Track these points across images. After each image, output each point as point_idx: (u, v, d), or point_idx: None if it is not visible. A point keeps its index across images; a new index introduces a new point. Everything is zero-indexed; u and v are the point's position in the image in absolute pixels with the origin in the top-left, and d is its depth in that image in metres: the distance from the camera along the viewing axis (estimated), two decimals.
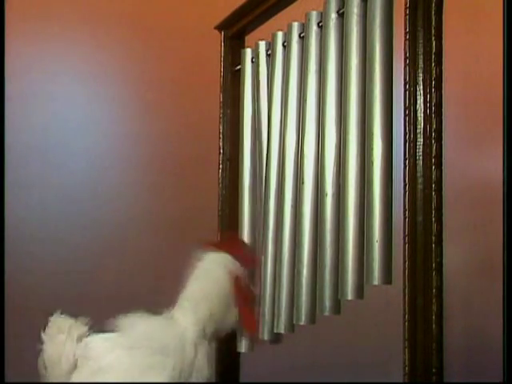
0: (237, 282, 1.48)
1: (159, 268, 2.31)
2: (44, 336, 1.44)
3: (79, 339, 1.43)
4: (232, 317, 1.49)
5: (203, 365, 1.45)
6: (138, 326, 1.46)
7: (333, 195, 1.36)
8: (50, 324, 1.47)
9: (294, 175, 1.48)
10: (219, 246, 1.53)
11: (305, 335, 1.47)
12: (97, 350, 1.43)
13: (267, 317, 1.52)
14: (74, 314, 1.52)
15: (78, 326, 1.45)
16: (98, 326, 1.47)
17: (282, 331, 1.48)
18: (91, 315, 2.24)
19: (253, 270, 1.55)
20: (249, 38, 1.76)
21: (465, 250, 2.25)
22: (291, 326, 1.46)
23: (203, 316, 1.46)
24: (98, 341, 1.45)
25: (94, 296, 2.29)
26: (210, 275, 1.50)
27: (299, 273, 1.42)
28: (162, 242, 2.35)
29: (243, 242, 1.62)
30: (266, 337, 1.52)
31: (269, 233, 1.54)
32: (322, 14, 1.42)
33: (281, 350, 2.09)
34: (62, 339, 1.43)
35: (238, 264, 1.50)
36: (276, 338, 1.52)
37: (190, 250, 2.40)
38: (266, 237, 1.54)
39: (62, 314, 1.48)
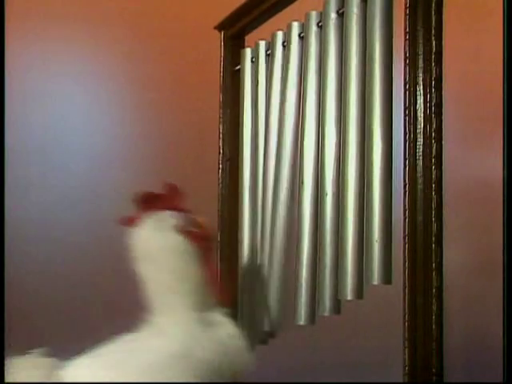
0: (191, 232, 1.21)
1: None
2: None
3: (50, 376, 1.13)
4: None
5: (235, 349, 1.19)
6: (122, 344, 1.18)
7: (333, 195, 1.36)
8: (12, 367, 1.14)
9: (293, 175, 1.48)
10: (136, 215, 1.24)
11: (305, 335, 1.47)
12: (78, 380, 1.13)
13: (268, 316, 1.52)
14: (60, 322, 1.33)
15: (45, 361, 1.15)
16: (99, 332, 1.21)
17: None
18: (91, 316, 2.24)
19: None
20: (249, 38, 1.76)
21: (465, 250, 2.25)
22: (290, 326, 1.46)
23: (188, 295, 1.19)
24: (76, 370, 1.15)
25: (94, 297, 2.29)
26: (155, 245, 1.20)
27: (298, 273, 1.42)
28: None
29: (148, 192, 1.29)
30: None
31: (268, 233, 1.54)
32: (321, 13, 1.42)
33: (281, 350, 2.09)
34: (33, 380, 1.11)
35: (175, 211, 1.23)
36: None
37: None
38: (265, 237, 1.54)
39: (13, 355, 1.16)
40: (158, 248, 1.21)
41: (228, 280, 1.35)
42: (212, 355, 1.16)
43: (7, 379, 1.13)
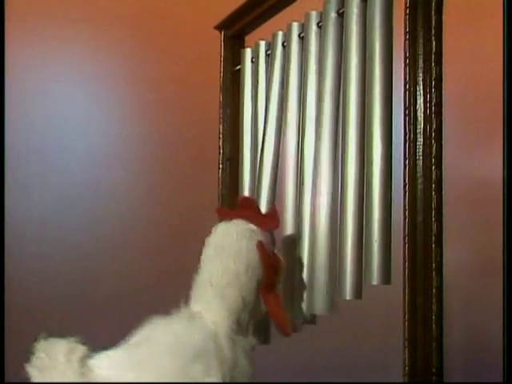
0: (263, 251, 1.22)
1: (160, 268, 2.31)
2: (33, 369, 1.10)
3: (81, 364, 1.10)
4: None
5: (245, 365, 1.19)
6: (154, 336, 1.17)
7: (332, 195, 1.36)
8: (38, 352, 1.11)
9: (293, 175, 1.48)
10: (233, 214, 1.27)
11: (305, 335, 1.46)
12: (108, 374, 1.11)
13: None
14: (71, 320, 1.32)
15: (76, 348, 1.11)
16: (99, 332, 1.27)
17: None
18: (91, 316, 2.24)
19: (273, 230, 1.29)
20: (249, 38, 1.76)
21: (465, 249, 2.25)
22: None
23: (234, 303, 1.20)
24: (106, 361, 1.13)
25: (94, 296, 2.29)
26: (232, 249, 1.21)
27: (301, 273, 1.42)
28: (162, 242, 2.35)
29: (256, 203, 1.35)
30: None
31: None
32: (321, 14, 1.42)
33: (281, 350, 2.09)
34: (60, 369, 1.09)
35: (259, 229, 1.24)
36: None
37: (189, 249, 2.39)
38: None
39: (47, 336, 1.12)
40: (235, 247, 1.22)
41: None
42: (225, 367, 1.16)
43: (35, 360, 1.10)
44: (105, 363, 1.13)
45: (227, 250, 1.22)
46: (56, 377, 1.09)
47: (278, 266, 1.25)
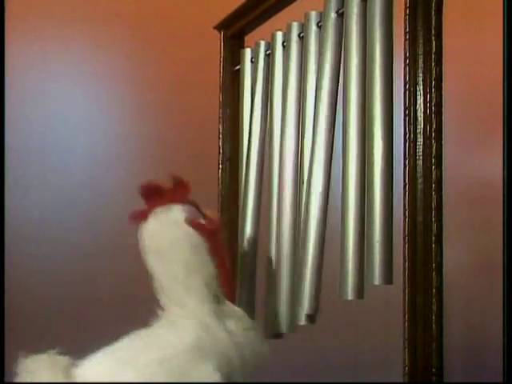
0: (200, 224, 1.20)
1: None
2: None
3: (66, 375, 1.09)
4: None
5: (250, 335, 1.18)
6: (137, 340, 1.16)
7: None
8: (21, 371, 1.10)
9: (293, 175, 1.48)
10: (146, 210, 1.24)
11: (305, 335, 1.46)
12: (93, 379, 1.10)
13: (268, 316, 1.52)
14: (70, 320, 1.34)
15: (58, 360, 1.11)
16: (99, 332, 1.21)
17: (284, 331, 1.47)
18: (91, 316, 2.24)
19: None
20: (248, 38, 1.76)
21: (465, 249, 2.25)
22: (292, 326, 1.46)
23: (201, 287, 1.18)
24: (90, 368, 1.12)
25: (94, 297, 2.29)
26: (168, 245, 1.19)
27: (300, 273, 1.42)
28: None
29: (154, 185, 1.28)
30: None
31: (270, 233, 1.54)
32: (321, 14, 1.42)
33: (281, 350, 2.08)
34: (45, 381, 1.07)
35: (183, 204, 1.22)
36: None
37: None
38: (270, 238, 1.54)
39: (27, 354, 1.11)
40: (168, 241, 1.20)
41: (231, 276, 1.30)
42: (226, 348, 1.16)
43: (20, 379, 1.10)
44: (89, 370, 1.12)
45: (164, 248, 1.19)
46: None
47: (214, 228, 1.23)
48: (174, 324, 1.18)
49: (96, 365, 1.13)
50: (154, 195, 1.24)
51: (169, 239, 1.20)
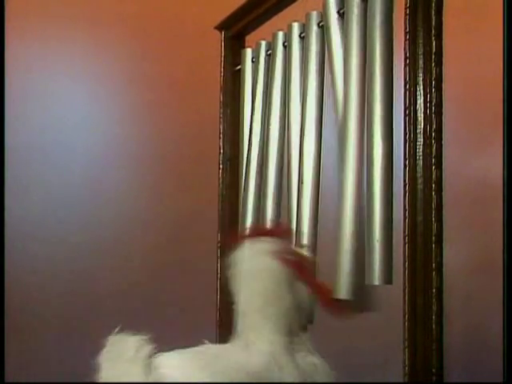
0: (287, 259, 1.25)
1: (160, 268, 2.31)
2: (102, 360, 1.14)
3: (147, 361, 1.13)
4: (304, 295, 1.24)
5: (314, 375, 1.22)
6: (211, 349, 1.22)
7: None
8: (109, 344, 1.15)
9: (294, 175, 1.48)
10: (248, 236, 1.32)
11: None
12: (172, 374, 1.13)
13: None
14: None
15: (145, 345, 1.14)
16: (99, 332, 1.17)
17: None
18: (91, 316, 2.24)
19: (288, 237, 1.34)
20: (249, 38, 1.76)
21: (465, 250, 2.25)
22: None
23: (279, 321, 1.22)
24: (172, 361, 1.16)
25: (94, 296, 2.29)
26: (256, 271, 1.24)
27: None
28: (161, 241, 2.35)
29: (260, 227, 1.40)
30: None
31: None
32: (322, 14, 1.42)
33: None
34: (127, 363, 1.12)
35: (276, 240, 1.27)
36: None
37: (189, 249, 2.40)
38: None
39: (120, 331, 1.16)
40: (252, 270, 1.25)
41: None
42: (292, 379, 1.19)
43: (105, 353, 1.14)
44: (171, 363, 1.15)
45: (248, 275, 1.24)
46: (122, 370, 1.12)
47: (304, 263, 1.27)
48: (246, 347, 1.22)
49: (175, 362, 1.17)
50: (255, 232, 1.34)
51: (253, 268, 1.25)
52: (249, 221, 1.62)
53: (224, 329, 1.71)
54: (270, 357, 1.20)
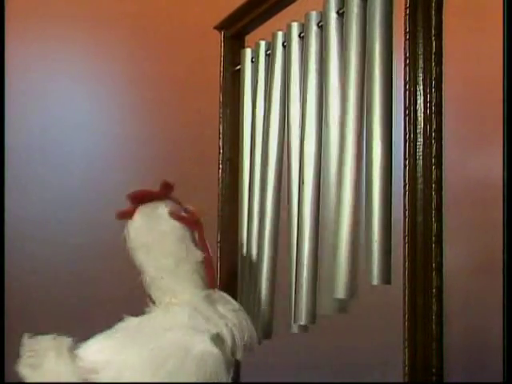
0: (182, 217, 1.29)
1: None
2: (25, 368, 1.14)
3: (71, 356, 1.14)
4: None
5: (238, 323, 1.24)
6: (136, 323, 1.23)
7: (333, 195, 1.36)
8: (26, 351, 1.15)
9: (294, 175, 1.48)
10: (132, 208, 1.32)
11: (305, 335, 1.46)
12: (96, 359, 1.15)
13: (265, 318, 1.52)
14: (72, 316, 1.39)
15: (62, 340, 1.15)
16: (99, 332, 1.23)
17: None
18: (91, 317, 2.24)
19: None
20: (249, 38, 1.76)
21: (465, 249, 2.25)
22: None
23: (190, 274, 1.25)
24: (93, 348, 1.17)
25: (94, 297, 2.29)
26: (153, 233, 1.26)
27: (298, 273, 1.42)
28: None
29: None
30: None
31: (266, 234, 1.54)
32: (321, 13, 1.42)
33: (281, 350, 2.09)
34: (52, 364, 1.12)
35: (164, 201, 1.30)
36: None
37: None
38: (263, 238, 1.54)
39: (31, 335, 1.17)
40: (155, 235, 1.27)
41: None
42: (219, 328, 1.22)
43: (24, 360, 1.14)
44: (92, 349, 1.16)
45: (152, 242, 1.26)
46: (50, 372, 1.12)
47: (195, 219, 1.30)
48: (167, 311, 1.24)
49: (97, 346, 1.18)
50: (141, 198, 1.32)
51: (155, 233, 1.27)
52: (249, 220, 1.62)
53: None
54: (193, 311, 1.22)
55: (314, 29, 1.44)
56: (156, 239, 1.26)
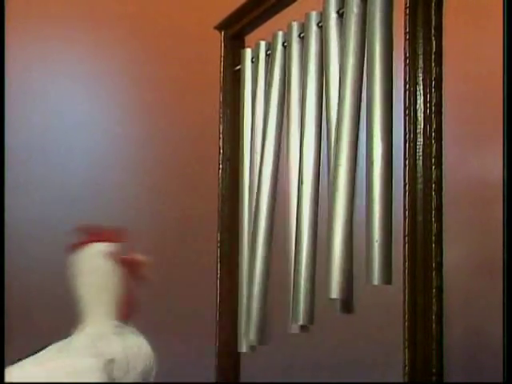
0: (117, 258, 1.55)
1: (159, 268, 2.31)
2: None
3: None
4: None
5: (140, 344, 1.50)
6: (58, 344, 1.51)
7: (333, 195, 1.36)
8: None
9: (293, 175, 1.48)
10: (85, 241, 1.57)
11: (305, 335, 1.46)
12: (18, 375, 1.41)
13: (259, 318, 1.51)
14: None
15: None
16: None
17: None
18: None
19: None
20: (249, 38, 1.76)
21: (465, 249, 2.25)
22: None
23: (107, 306, 1.51)
24: (18, 369, 1.43)
25: None
26: (92, 267, 1.54)
27: (298, 273, 1.42)
28: (162, 241, 2.35)
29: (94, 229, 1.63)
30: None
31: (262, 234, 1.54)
32: (321, 13, 1.42)
33: (281, 350, 2.09)
34: None
35: (108, 243, 1.56)
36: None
37: (189, 249, 2.40)
38: (257, 239, 1.54)
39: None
40: (89, 267, 1.55)
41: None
42: (115, 355, 1.46)
43: None
44: (15, 371, 1.42)
45: (88, 271, 1.55)
46: None
47: (130, 261, 1.57)
48: (80, 331, 1.52)
49: (20, 369, 1.43)
50: (90, 234, 1.59)
51: (88, 265, 1.55)
52: (248, 221, 1.62)
53: (224, 329, 1.71)
54: (96, 336, 1.49)
55: (313, 29, 1.44)
56: (88, 271, 1.55)
